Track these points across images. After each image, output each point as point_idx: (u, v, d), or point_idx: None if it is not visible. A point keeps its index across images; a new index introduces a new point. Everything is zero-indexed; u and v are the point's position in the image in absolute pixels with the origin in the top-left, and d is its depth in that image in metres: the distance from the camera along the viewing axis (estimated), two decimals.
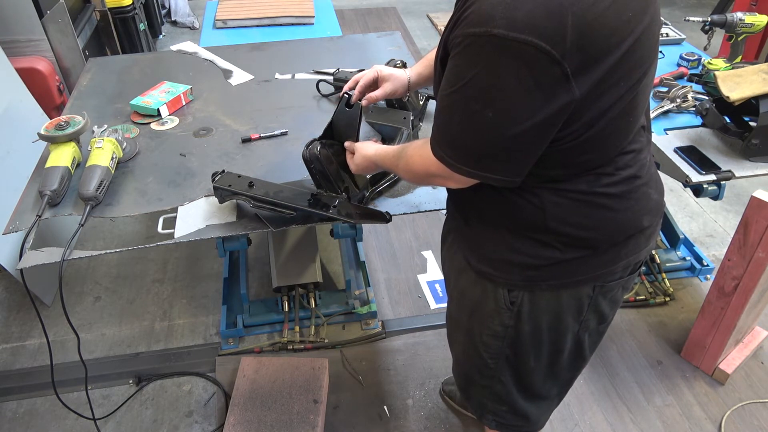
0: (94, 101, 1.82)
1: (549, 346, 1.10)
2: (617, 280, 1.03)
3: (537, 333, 1.07)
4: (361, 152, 1.19)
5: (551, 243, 0.96)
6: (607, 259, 0.99)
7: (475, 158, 0.86)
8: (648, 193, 0.99)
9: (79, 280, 2.34)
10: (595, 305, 1.05)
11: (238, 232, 1.29)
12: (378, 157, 1.15)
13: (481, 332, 1.13)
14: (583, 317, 1.06)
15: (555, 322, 1.06)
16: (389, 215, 1.23)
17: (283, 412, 1.70)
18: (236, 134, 1.63)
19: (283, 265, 2.11)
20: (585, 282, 1.01)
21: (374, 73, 1.32)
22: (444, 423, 1.79)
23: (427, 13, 5.01)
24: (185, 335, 2.10)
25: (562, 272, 0.99)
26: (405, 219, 2.61)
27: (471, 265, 1.08)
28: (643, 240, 1.01)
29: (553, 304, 1.03)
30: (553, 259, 0.97)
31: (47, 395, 1.88)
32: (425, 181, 1.06)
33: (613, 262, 1.00)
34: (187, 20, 4.71)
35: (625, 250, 0.99)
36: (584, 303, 1.04)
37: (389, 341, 2.06)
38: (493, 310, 1.07)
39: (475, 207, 1.03)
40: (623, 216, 0.96)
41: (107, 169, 1.37)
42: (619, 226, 0.97)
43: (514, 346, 1.11)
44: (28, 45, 2.62)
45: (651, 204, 1.00)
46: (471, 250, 1.08)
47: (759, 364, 1.95)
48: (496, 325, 1.08)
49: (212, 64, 2.06)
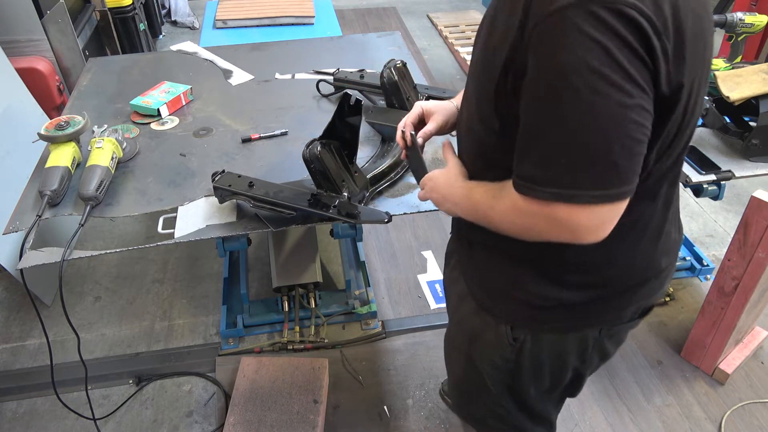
0: (94, 101, 1.82)
1: (550, 379, 1.06)
2: (625, 323, 0.96)
3: (538, 369, 1.02)
4: (434, 191, 0.98)
5: (562, 280, 0.88)
6: (618, 303, 0.92)
7: (609, 171, 0.67)
8: (669, 232, 0.92)
9: (79, 280, 2.34)
10: (600, 346, 0.99)
11: (238, 232, 1.29)
12: (459, 190, 0.91)
13: (482, 360, 1.08)
14: (587, 357, 1.01)
15: (557, 361, 1.01)
16: (389, 215, 1.23)
17: (283, 412, 1.70)
18: (236, 134, 1.63)
19: (283, 265, 2.10)
20: (592, 325, 0.95)
21: (419, 109, 1.11)
22: (444, 423, 1.79)
23: (427, 13, 5.01)
24: (185, 335, 2.10)
25: (569, 315, 0.92)
26: (405, 219, 2.61)
27: (472, 294, 1.02)
28: (657, 284, 0.94)
29: (557, 345, 0.98)
30: (561, 301, 0.89)
31: (47, 395, 1.88)
32: (542, 234, 0.75)
33: (623, 307, 0.93)
34: (187, 20, 4.70)
35: (639, 293, 0.92)
36: (589, 345, 0.98)
37: (389, 341, 2.06)
38: (494, 342, 1.01)
39: (481, 228, 0.88)
40: (644, 254, 0.88)
41: (107, 169, 1.37)
42: (640, 264, 0.89)
43: (515, 377, 1.05)
44: (28, 45, 2.62)
45: (670, 243, 0.93)
46: (474, 278, 1.01)
47: (759, 364, 1.95)
48: (497, 358, 1.03)
49: (212, 64, 2.06)
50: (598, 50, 0.62)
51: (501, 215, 0.80)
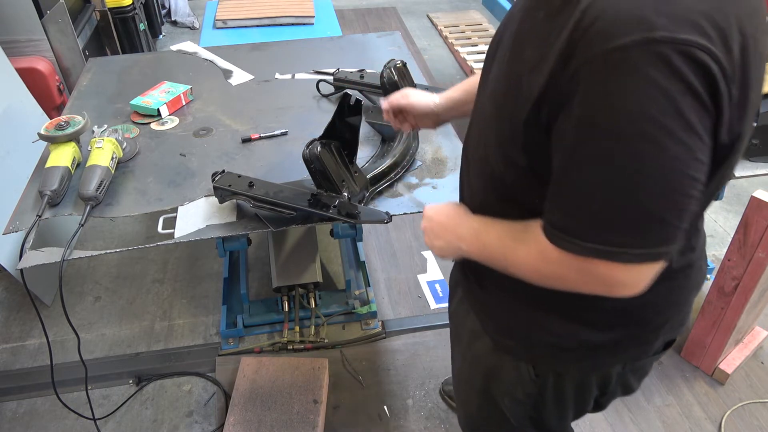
0: (94, 101, 1.82)
1: (573, 409, 1.01)
2: (650, 357, 0.91)
3: (561, 401, 0.97)
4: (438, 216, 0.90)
5: (590, 322, 0.81)
6: (645, 339, 0.87)
7: (657, 229, 0.61)
8: (701, 266, 0.88)
9: (79, 280, 2.34)
10: (623, 381, 0.94)
11: (238, 232, 1.29)
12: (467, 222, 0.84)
13: (502, 395, 1.01)
14: (608, 390, 0.95)
15: (580, 395, 0.95)
16: (389, 215, 1.23)
17: (283, 412, 1.70)
18: (236, 134, 1.63)
19: (283, 265, 2.10)
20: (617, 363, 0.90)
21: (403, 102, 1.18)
22: (444, 423, 1.79)
23: (427, 13, 5.01)
24: (185, 335, 2.10)
25: (594, 355, 0.86)
26: (405, 219, 2.60)
27: (488, 332, 0.95)
28: (685, 316, 0.89)
29: (580, 381, 0.92)
30: (590, 343, 0.84)
31: (47, 395, 1.88)
32: (572, 285, 0.70)
33: (650, 342, 0.87)
34: (187, 20, 4.70)
35: (668, 326, 0.86)
36: (612, 379, 0.92)
37: (389, 341, 2.06)
38: (514, 380, 0.95)
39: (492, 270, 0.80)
40: (678, 291, 0.83)
41: (107, 169, 1.37)
42: (674, 301, 0.84)
43: (538, 409, 0.99)
44: (28, 45, 2.62)
45: (701, 276, 0.88)
46: (488, 316, 0.94)
47: (759, 364, 1.95)
48: (518, 393, 0.97)
49: (212, 64, 2.06)
50: (661, 97, 0.55)
51: (523, 261, 0.73)
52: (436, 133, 1.60)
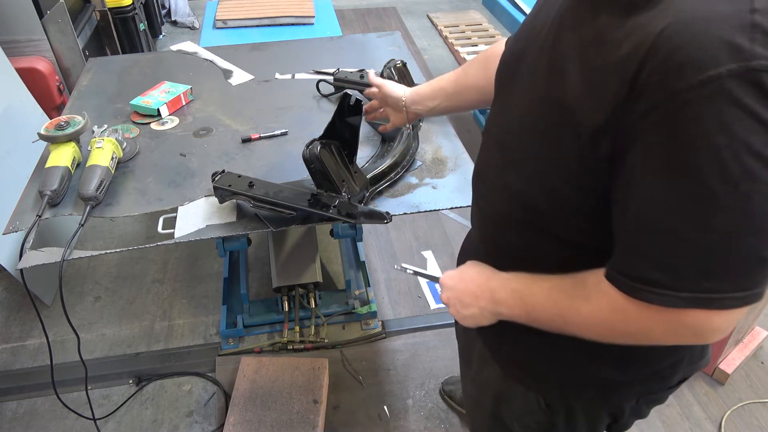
0: (94, 101, 1.82)
1: None
2: (665, 391, 0.87)
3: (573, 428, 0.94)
4: (461, 284, 0.83)
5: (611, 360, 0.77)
6: (666, 374, 0.83)
7: (757, 271, 0.56)
8: None
9: (79, 280, 2.34)
10: (637, 412, 0.90)
11: (238, 232, 1.29)
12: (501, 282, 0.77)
13: (512, 420, 0.98)
14: (622, 422, 0.92)
15: (591, 427, 0.93)
16: (389, 215, 1.23)
17: (283, 412, 1.70)
18: (236, 134, 1.63)
19: (283, 265, 2.10)
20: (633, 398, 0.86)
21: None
22: (444, 423, 1.79)
23: (427, 13, 5.01)
24: (185, 335, 2.10)
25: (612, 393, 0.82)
26: (405, 219, 2.60)
27: (497, 361, 0.92)
28: (704, 349, 0.87)
29: (593, 414, 0.89)
30: (607, 381, 0.80)
31: (47, 395, 1.88)
32: (653, 338, 0.64)
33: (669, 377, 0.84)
34: (187, 20, 4.71)
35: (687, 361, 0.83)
36: (626, 412, 0.88)
37: (389, 341, 2.06)
38: (524, 407, 0.92)
39: None
40: None
41: (107, 169, 1.37)
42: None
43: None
44: (28, 45, 2.62)
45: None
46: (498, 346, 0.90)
47: (759, 364, 1.95)
48: (529, 421, 0.94)
49: (212, 64, 2.06)
50: (763, 129, 0.50)
51: (588, 320, 0.66)
52: (436, 133, 1.60)
